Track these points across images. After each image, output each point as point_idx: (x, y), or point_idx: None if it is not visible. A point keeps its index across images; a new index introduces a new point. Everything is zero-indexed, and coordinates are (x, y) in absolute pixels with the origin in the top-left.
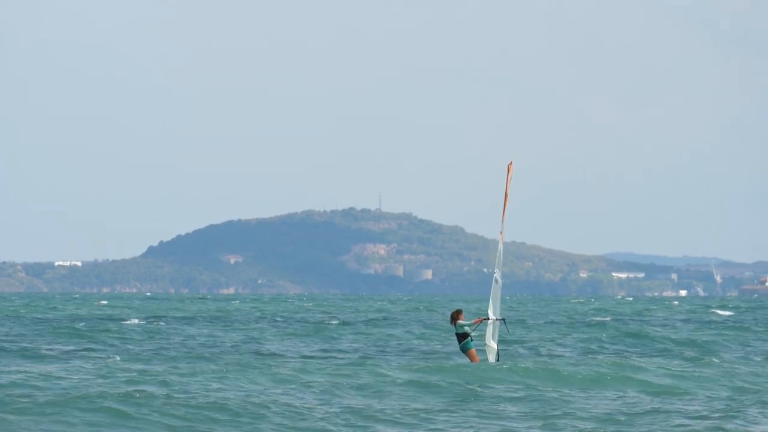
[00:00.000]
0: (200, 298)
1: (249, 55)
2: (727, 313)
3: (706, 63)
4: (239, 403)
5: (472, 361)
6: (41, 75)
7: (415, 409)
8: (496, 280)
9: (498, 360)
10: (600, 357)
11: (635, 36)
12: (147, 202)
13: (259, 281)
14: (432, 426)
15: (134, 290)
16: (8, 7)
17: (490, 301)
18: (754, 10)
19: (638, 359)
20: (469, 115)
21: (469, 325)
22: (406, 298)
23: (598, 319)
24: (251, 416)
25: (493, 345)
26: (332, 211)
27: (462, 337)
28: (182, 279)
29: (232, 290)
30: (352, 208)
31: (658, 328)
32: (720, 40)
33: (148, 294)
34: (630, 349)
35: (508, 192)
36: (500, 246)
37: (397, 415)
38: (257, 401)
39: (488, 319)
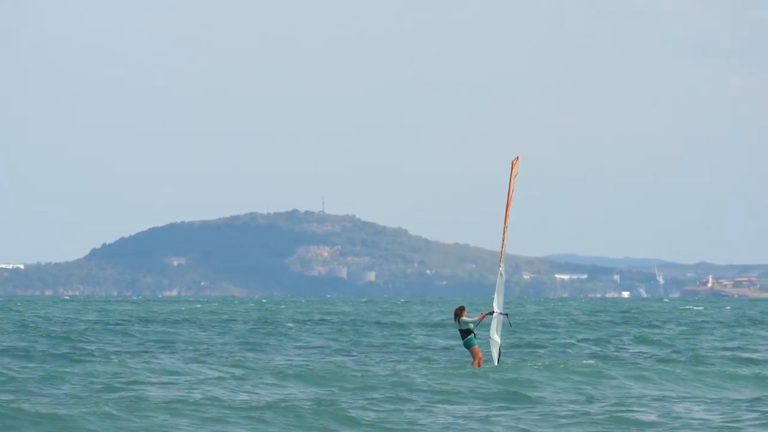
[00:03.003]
0: (148, 300)
1: (244, 56)
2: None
3: (665, 69)
4: (295, 406)
5: (475, 357)
6: (41, 74)
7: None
8: (501, 274)
9: (500, 357)
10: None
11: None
12: (89, 203)
13: (202, 283)
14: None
15: (77, 293)
16: (7, 7)
17: (495, 294)
18: (720, 18)
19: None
20: (412, 118)
21: (472, 322)
22: (363, 300)
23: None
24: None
25: (496, 339)
26: (275, 214)
27: (465, 333)
28: (125, 282)
29: (175, 293)
30: (295, 210)
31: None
32: (667, 45)
33: (102, 297)
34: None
35: (512, 188)
36: (504, 241)
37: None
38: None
39: (493, 312)
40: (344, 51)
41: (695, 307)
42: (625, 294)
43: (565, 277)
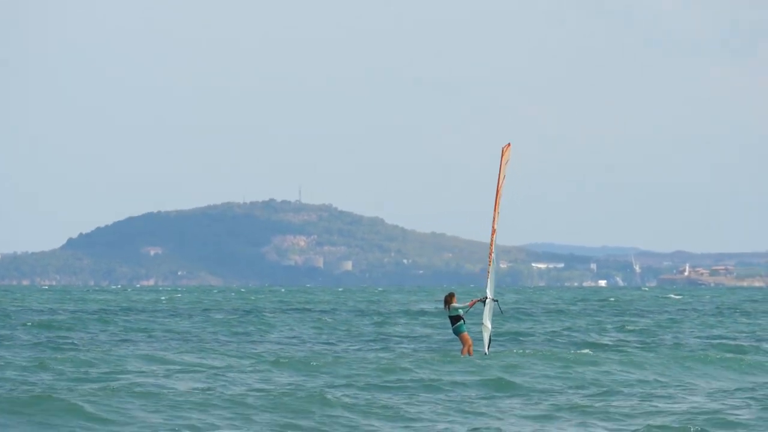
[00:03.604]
0: (127, 289)
1: (244, 56)
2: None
3: (665, 69)
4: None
5: (464, 343)
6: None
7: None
8: (492, 261)
9: (490, 344)
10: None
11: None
12: (66, 193)
13: (179, 273)
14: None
15: (54, 283)
16: (7, 7)
17: (488, 281)
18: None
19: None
20: (389, 109)
21: (462, 308)
22: (340, 289)
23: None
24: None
25: (488, 325)
26: (252, 203)
27: (455, 320)
28: (102, 271)
29: (152, 282)
30: (272, 200)
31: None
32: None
33: (91, 286)
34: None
35: (503, 175)
36: (494, 226)
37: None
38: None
39: (484, 299)
40: (343, 50)
41: (675, 296)
42: (602, 283)
43: (542, 266)
